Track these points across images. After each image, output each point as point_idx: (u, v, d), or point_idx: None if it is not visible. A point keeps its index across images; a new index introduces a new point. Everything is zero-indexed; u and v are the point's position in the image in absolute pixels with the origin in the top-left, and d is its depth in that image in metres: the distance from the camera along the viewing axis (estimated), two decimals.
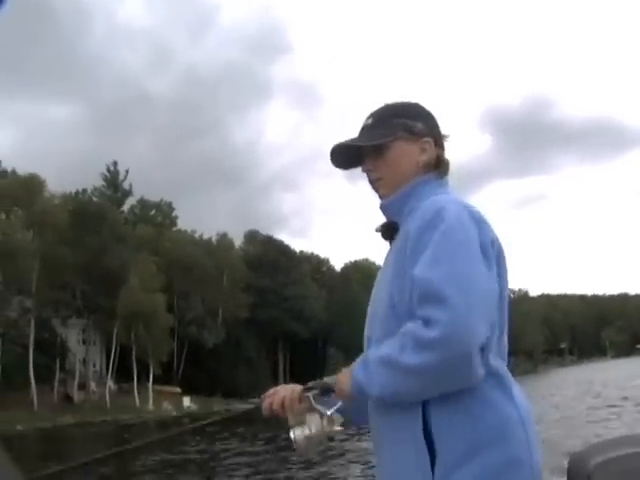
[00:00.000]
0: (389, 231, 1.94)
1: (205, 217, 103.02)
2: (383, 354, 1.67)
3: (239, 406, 57.00)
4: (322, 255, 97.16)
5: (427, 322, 1.59)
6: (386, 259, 1.91)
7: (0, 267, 44.61)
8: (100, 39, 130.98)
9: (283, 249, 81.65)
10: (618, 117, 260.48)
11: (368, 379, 1.69)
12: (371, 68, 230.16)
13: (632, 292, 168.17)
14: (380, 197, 1.98)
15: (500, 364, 1.72)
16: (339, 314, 74.28)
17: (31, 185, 52.62)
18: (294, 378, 74.19)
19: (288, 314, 73.69)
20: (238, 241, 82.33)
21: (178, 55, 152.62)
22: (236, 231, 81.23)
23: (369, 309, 1.90)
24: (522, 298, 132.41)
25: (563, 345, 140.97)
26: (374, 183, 1.96)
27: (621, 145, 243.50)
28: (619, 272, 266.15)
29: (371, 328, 1.86)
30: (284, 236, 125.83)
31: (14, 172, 56.76)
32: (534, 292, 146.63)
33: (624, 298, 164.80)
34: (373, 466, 1.96)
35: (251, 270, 73.22)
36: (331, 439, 1.86)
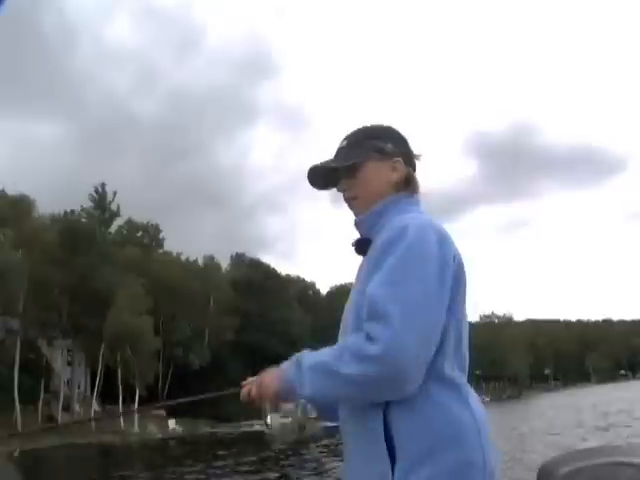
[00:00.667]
0: (362, 246, 2.00)
1: (190, 239, 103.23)
2: (321, 360, 1.76)
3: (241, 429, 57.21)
4: (308, 279, 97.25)
5: (370, 338, 1.67)
6: (358, 273, 1.99)
7: None
8: (87, 59, 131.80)
9: (269, 272, 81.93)
10: (601, 144, 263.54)
11: (300, 380, 1.77)
12: (356, 91, 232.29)
13: (615, 318, 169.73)
14: (355, 215, 2.07)
15: (457, 374, 1.82)
16: (324, 337, 73.17)
17: (21, 205, 52.90)
18: None
19: (274, 337, 73.71)
20: (224, 263, 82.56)
21: (164, 76, 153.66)
22: (221, 253, 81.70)
23: (342, 321, 1.97)
24: (507, 323, 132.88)
25: (547, 371, 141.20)
26: (349, 202, 2.06)
27: (604, 171, 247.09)
28: (603, 298, 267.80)
29: (342, 335, 1.92)
30: (269, 258, 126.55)
31: (3, 191, 56.97)
32: (519, 317, 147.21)
33: (608, 324, 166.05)
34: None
35: (237, 293, 73.40)
36: (303, 427, 1.98)
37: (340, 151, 2.07)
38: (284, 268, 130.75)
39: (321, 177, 2.10)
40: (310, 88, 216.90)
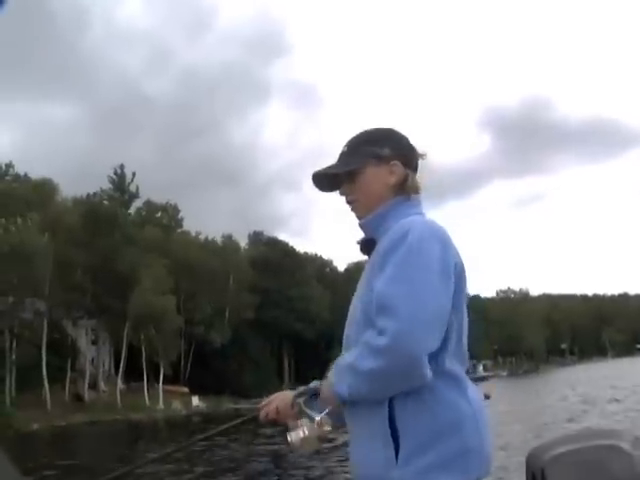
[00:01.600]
0: (367, 246, 2.13)
1: (205, 217, 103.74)
2: (347, 362, 1.91)
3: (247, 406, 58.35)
4: (325, 256, 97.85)
5: (380, 331, 1.81)
6: (364, 271, 2.10)
7: (15, 270, 45.57)
8: (98, 40, 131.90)
9: (288, 250, 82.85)
10: (616, 117, 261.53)
11: (337, 382, 1.92)
12: (369, 68, 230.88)
13: (632, 292, 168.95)
14: (357, 217, 2.18)
15: (457, 367, 1.96)
16: (343, 314, 74.29)
17: (44, 189, 54.01)
18: (298, 377, 75.73)
19: (293, 315, 74.83)
20: (241, 242, 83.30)
21: (176, 56, 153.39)
22: (236, 231, 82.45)
23: (349, 312, 2.09)
24: (523, 298, 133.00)
25: (564, 345, 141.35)
26: (350, 205, 2.18)
27: (619, 144, 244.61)
28: (619, 272, 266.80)
29: (350, 329, 2.05)
30: (284, 236, 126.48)
31: (26, 176, 58.03)
32: (535, 292, 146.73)
33: (624, 298, 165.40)
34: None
35: (256, 271, 74.31)
36: (324, 440, 2.03)
37: (341, 157, 2.19)
38: (300, 246, 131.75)
39: (325, 181, 2.23)
40: (323, 65, 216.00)
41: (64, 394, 53.94)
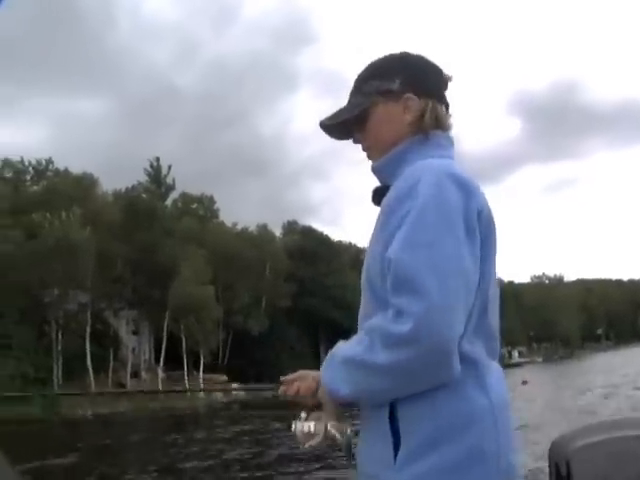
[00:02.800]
0: (378, 196, 1.80)
1: (236, 207, 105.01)
2: (351, 354, 1.59)
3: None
4: (359, 244, 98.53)
5: (400, 313, 1.48)
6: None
7: (59, 264, 46.95)
8: (126, 34, 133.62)
9: (323, 239, 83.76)
10: None
11: (335, 381, 1.63)
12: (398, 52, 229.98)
13: None
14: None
15: (475, 348, 1.61)
16: None
17: (84, 183, 55.43)
18: None
19: (329, 302, 75.61)
20: (275, 231, 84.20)
21: (204, 47, 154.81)
22: (267, 221, 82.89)
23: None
24: (557, 284, 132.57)
25: (599, 331, 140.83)
26: (365, 153, 1.89)
27: None
28: None
29: (361, 300, 1.76)
30: (316, 225, 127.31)
31: (66, 170, 59.38)
32: (569, 277, 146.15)
33: None
34: None
35: (292, 260, 75.27)
36: (331, 443, 1.77)
37: (350, 97, 1.89)
38: (332, 234, 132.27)
39: (336, 130, 1.91)
40: (350, 52, 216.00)
41: (107, 383, 55.32)
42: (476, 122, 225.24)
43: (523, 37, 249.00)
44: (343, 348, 1.65)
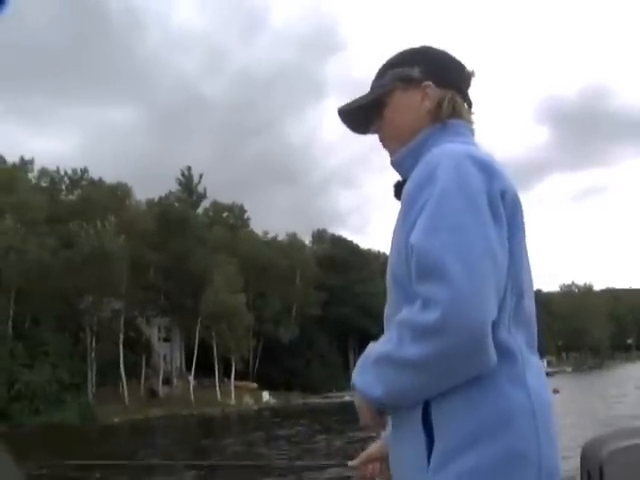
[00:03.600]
0: (399, 190, 1.70)
1: (264, 215, 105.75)
2: (381, 352, 1.52)
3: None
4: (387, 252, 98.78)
5: (427, 302, 1.41)
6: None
7: (94, 271, 47.76)
8: (155, 44, 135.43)
9: (353, 248, 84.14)
10: None
11: (367, 383, 1.54)
12: None
13: None
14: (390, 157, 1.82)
15: (514, 339, 1.52)
16: None
17: (119, 193, 56.43)
18: None
19: (359, 311, 75.74)
20: (304, 239, 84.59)
21: (232, 57, 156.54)
22: (296, 229, 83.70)
23: None
24: (586, 293, 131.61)
25: (630, 340, 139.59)
26: (383, 144, 1.84)
27: None
28: None
29: (387, 298, 1.67)
30: (344, 233, 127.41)
31: (101, 180, 60.40)
32: (598, 286, 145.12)
33: None
34: None
35: (322, 269, 75.67)
36: None
37: (371, 87, 1.86)
38: (361, 242, 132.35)
39: (354, 120, 1.88)
40: (377, 60, 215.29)
41: (139, 389, 56.05)
42: (504, 130, 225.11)
43: (550, 44, 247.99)
44: (374, 347, 1.57)
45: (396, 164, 1.77)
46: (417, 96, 1.75)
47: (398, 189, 1.73)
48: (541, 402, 1.50)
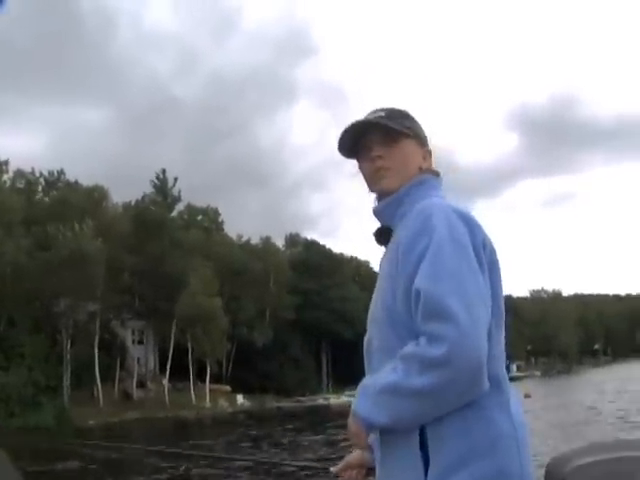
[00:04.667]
0: (383, 236, 1.95)
1: (235, 218, 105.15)
2: (388, 382, 1.67)
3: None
4: (360, 257, 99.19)
5: (434, 339, 1.60)
6: (381, 265, 1.91)
7: (71, 274, 47.67)
8: (127, 44, 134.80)
9: (326, 252, 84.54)
10: None
11: (373, 411, 1.70)
12: (397, 67, 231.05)
13: None
14: (379, 189, 1.97)
15: (499, 369, 1.74)
16: None
17: (96, 195, 56.44)
18: (336, 377, 77.09)
19: (332, 315, 76.18)
20: (276, 243, 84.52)
21: (204, 58, 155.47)
22: (266, 232, 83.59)
23: (369, 313, 1.91)
24: (555, 298, 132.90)
25: (597, 346, 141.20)
26: (378, 172, 1.94)
27: None
28: None
29: (371, 331, 1.88)
30: (314, 237, 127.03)
31: (77, 183, 60.23)
32: (567, 292, 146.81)
33: None
34: None
35: (295, 273, 76.02)
36: None
37: (379, 119, 1.96)
38: (332, 246, 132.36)
39: (351, 139, 2.00)
40: (349, 65, 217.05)
41: (114, 392, 56.01)
42: (474, 137, 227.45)
43: (521, 52, 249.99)
44: (378, 378, 1.72)
45: (378, 212, 1.97)
46: (420, 154, 1.98)
47: (379, 235, 1.98)
48: (521, 426, 1.74)
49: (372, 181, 1.97)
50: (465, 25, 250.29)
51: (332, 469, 2.17)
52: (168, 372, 59.91)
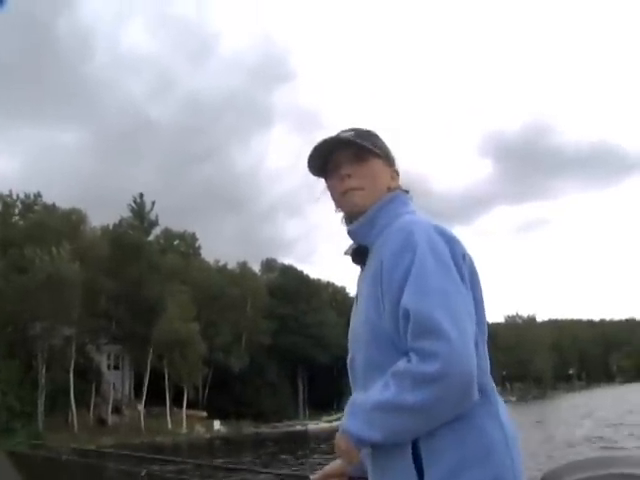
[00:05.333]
0: (359, 255, 1.95)
1: (211, 242, 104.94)
2: (380, 399, 1.69)
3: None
4: (337, 282, 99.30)
5: (426, 355, 1.62)
6: (359, 286, 1.94)
7: (48, 298, 47.25)
8: (103, 66, 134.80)
9: (302, 277, 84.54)
10: (619, 142, 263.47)
11: (364, 428, 1.71)
12: (371, 93, 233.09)
13: (639, 317, 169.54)
14: (348, 209, 1.99)
15: (486, 380, 1.78)
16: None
17: (73, 218, 56.16)
18: (312, 402, 76.79)
19: (309, 340, 76.10)
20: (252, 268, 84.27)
21: (180, 82, 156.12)
22: (241, 257, 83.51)
23: (350, 333, 1.93)
24: (530, 324, 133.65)
25: (571, 371, 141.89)
26: (347, 191, 1.95)
27: (623, 170, 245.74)
28: (626, 297, 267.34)
29: (354, 351, 1.90)
30: (289, 261, 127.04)
31: (54, 206, 59.96)
32: (541, 317, 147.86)
33: (631, 323, 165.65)
34: None
35: (272, 298, 75.90)
36: None
37: (349, 137, 1.97)
38: (307, 271, 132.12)
39: (321, 157, 2.02)
40: (325, 91, 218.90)
41: (88, 418, 55.33)
42: (447, 163, 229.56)
43: (494, 79, 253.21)
44: (369, 395, 1.74)
45: (354, 233, 1.97)
46: (389, 173, 2.00)
47: (356, 254, 1.98)
48: (512, 435, 1.77)
49: (341, 200, 1.99)
50: (440, 52, 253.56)
51: (312, 477, 2.18)
52: (144, 397, 59.40)
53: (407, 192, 2.01)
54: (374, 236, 1.88)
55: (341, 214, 2.04)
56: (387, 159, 2.00)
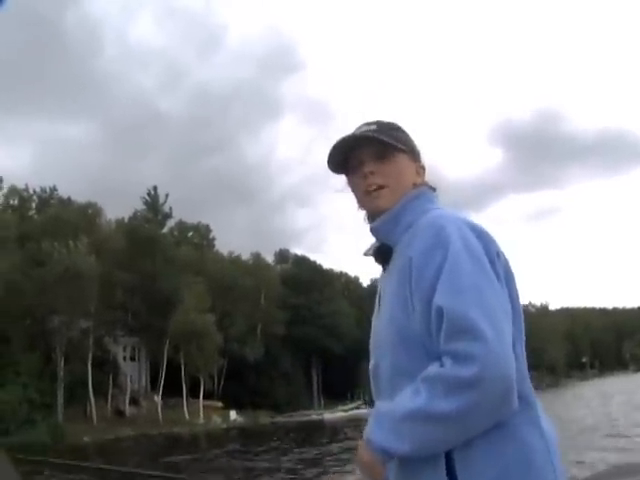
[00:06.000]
0: (382, 254, 1.84)
1: (222, 233, 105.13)
2: (410, 407, 1.56)
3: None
4: (350, 272, 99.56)
5: (462, 358, 1.50)
6: (383, 285, 1.83)
7: (66, 291, 47.77)
8: (112, 59, 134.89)
9: (316, 268, 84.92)
10: (631, 129, 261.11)
11: (391, 439, 1.58)
12: (382, 83, 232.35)
13: None
14: (372, 208, 1.88)
15: (527, 388, 1.65)
16: (369, 330, 76.01)
17: (89, 212, 56.67)
18: (327, 392, 77.24)
19: (322, 331, 76.46)
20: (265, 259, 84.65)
21: (189, 74, 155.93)
22: (253, 247, 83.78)
23: (372, 339, 1.83)
24: (542, 312, 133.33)
25: (584, 359, 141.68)
26: (371, 191, 1.85)
27: (634, 157, 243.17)
28: (638, 285, 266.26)
29: (377, 356, 1.78)
30: (300, 252, 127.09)
31: (69, 199, 60.51)
32: (554, 306, 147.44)
33: None
34: None
35: (286, 288, 76.34)
36: None
37: (372, 133, 1.86)
38: (318, 261, 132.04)
39: (342, 154, 1.91)
40: (335, 81, 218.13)
41: (106, 409, 55.94)
42: (459, 151, 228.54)
43: (504, 67, 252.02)
44: (397, 403, 1.61)
45: (375, 230, 1.86)
46: (414, 169, 1.90)
47: (379, 253, 1.87)
48: (553, 441, 1.65)
49: (364, 199, 1.89)
50: (450, 41, 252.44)
51: None
52: (161, 388, 59.92)
53: (434, 189, 1.92)
54: (398, 234, 1.79)
55: (363, 212, 1.96)
56: (412, 154, 1.90)
